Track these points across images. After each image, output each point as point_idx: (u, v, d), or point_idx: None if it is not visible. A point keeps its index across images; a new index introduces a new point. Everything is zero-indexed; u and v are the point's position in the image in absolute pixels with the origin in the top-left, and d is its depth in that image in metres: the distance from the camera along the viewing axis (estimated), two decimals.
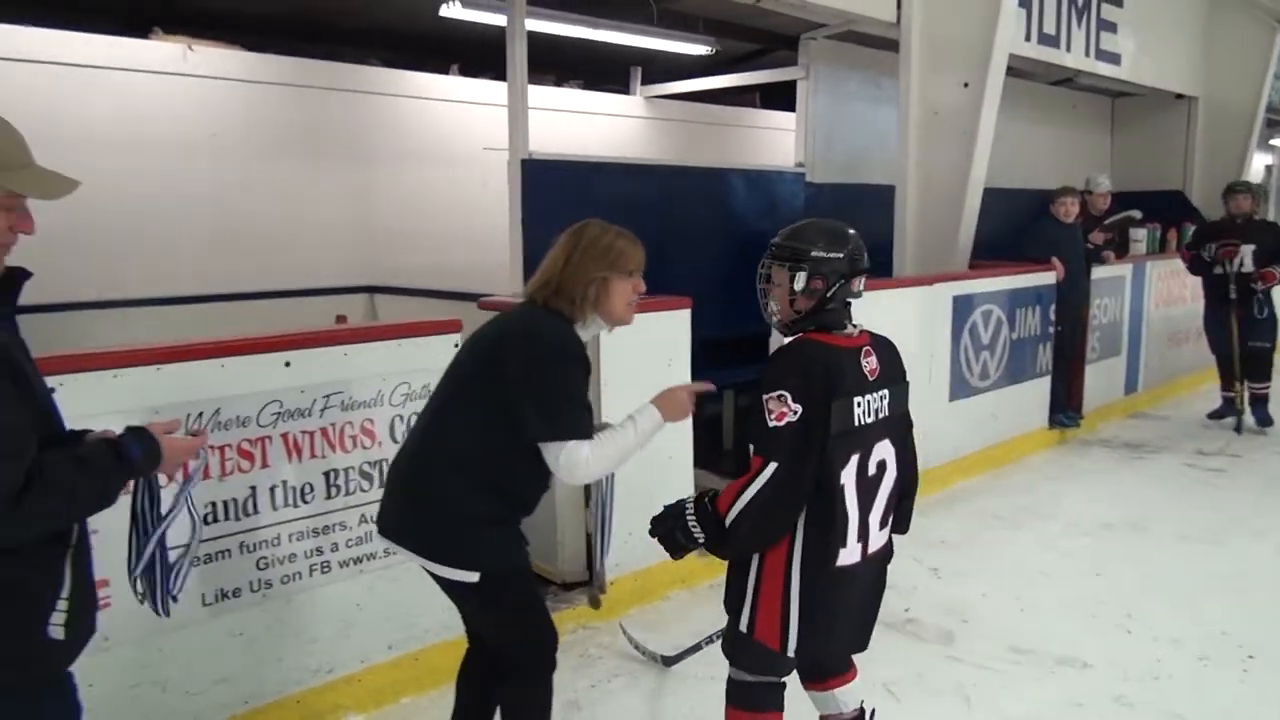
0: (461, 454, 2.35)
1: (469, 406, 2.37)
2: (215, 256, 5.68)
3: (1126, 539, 4.94)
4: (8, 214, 1.65)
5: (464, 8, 5.89)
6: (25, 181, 1.66)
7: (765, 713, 2.52)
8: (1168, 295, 8.06)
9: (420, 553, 2.39)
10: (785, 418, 2.24)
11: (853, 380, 2.32)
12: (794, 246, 2.39)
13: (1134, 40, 8.24)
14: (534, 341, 2.34)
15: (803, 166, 7.12)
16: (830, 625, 2.39)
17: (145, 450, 1.83)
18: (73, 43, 5.32)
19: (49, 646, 1.70)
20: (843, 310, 2.42)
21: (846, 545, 2.33)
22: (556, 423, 2.29)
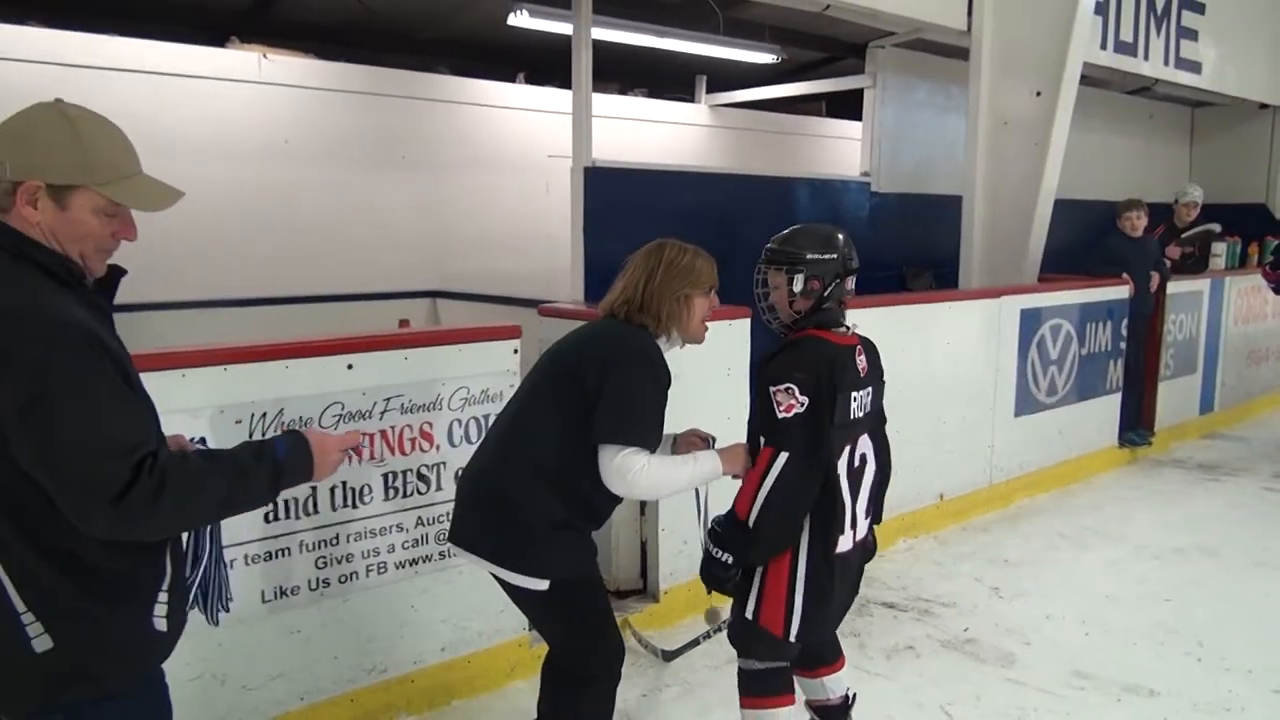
0: (539, 462, 2.39)
1: (549, 415, 2.41)
2: (284, 260, 5.82)
3: (1199, 564, 4.77)
4: (111, 220, 1.68)
5: (531, 17, 5.95)
6: (127, 192, 1.68)
7: (780, 696, 2.62)
8: (1247, 312, 7.79)
9: (493, 559, 2.42)
10: (794, 409, 2.36)
11: (851, 376, 2.46)
12: (790, 251, 2.52)
13: (1216, 48, 7.99)
14: (615, 347, 2.41)
15: (868, 176, 7.05)
16: (827, 611, 2.52)
17: (291, 447, 1.80)
18: (154, 51, 5.50)
19: (155, 639, 1.73)
20: (837, 310, 2.55)
21: (844, 533, 2.47)
22: (621, 426, 2.32)
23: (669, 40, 6.71)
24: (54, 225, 1.62)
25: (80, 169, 1.62)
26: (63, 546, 1.59)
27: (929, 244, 7.04)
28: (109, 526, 1.55)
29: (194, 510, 1.67)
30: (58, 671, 1.60)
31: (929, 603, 4.27)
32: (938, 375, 5.12)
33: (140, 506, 1.53)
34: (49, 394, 1.49)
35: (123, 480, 1.52)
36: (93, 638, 1.63)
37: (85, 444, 1.51)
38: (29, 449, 1.51)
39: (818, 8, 5.70)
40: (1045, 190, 6.08)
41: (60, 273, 1.62)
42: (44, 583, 1.59)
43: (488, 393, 3.29)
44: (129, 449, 1.55)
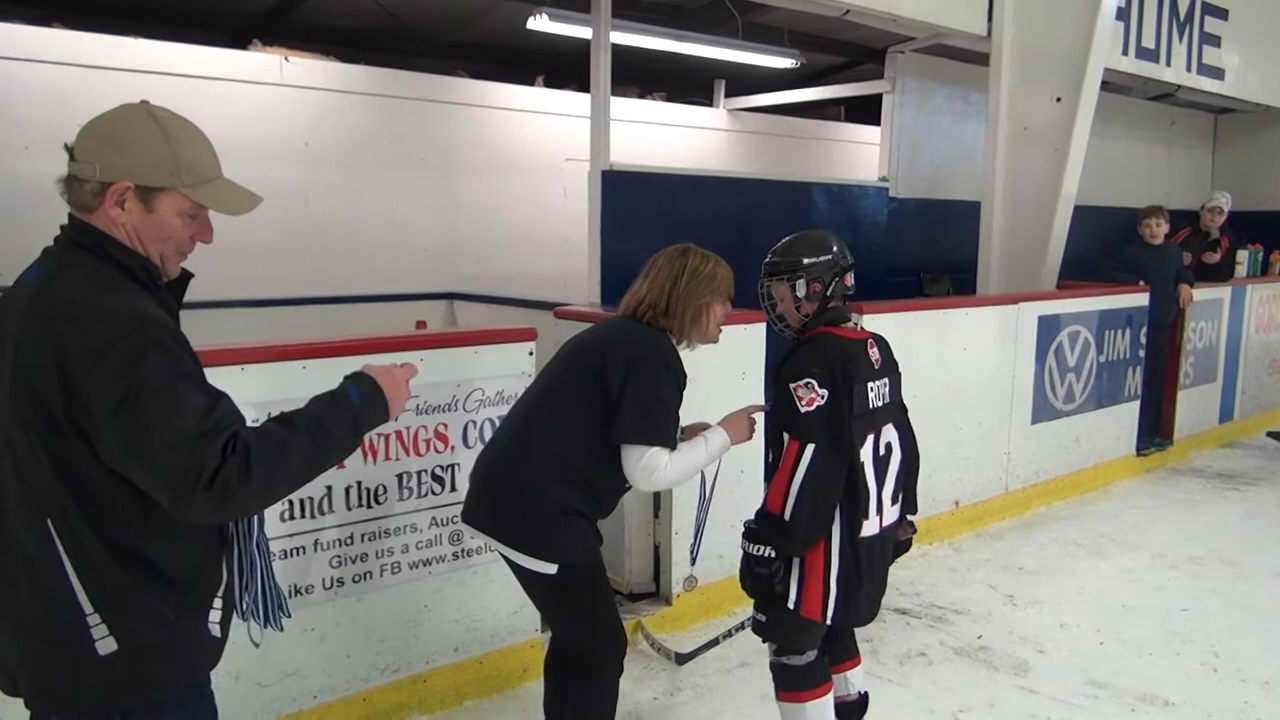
0: (554, 449, 2.48)
1: (566, 405, 2.51)
2: (303, 261, 5.87)
3: (1216, 574, 4.72)
4: (192, 223, 1.71)
5: (550, 20, 5.98)
6: (211, 195, 1.71)
7: (824, 685, 2.72)
8: (1269, 320, 7.71)
9: (503, 540, 2.51)
10: (815, 402, 2.46)
11: (865, 367, 2.56)
12: (788, 261, 2.65)
13: (1239, 54, 7.93)
14: (639, 350, 2.49)
15: (886, 181, 7.04)
16: (859, 594, 2.58)
17: (366, 391, 1.80)
18: (177, 54, 5.56)
19: (211, 644, 1.76)
20: (843, 307, 2.67)
21: (869, 518, 2.56)
22: (646, 427, 2.43)
23: (687, 44, 6.72)
24: (139, 226, 1.65)
25: (170, 171, 1.65)
26: (134, 549, 1.61)
27: (947, 249, 7.03)
28: (206, 509, 1.56)
29: (283, 477, 1.67)
30: (118, 674, 1.62)
31: (943, 610, 4.26)
32: (954, 381, 5.10)
33: (233, 484, 1.55)
34: (141, 388, 1.51)
35: (213, 464, 1.54)
36: (156, 642, 1.65)
37: (177, 432, 1.53)
38: (122, 442, 1.53)
39: (837, 12, 5.69)
40: (1065, 196, 6.04)
41: (140, 274, 1.66)
42: (113, 585, 1.60)
43: (503, 394, 3.31)
44: (216, 433, 1.57)
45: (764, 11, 6.69)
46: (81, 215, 1.65)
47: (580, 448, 2.47)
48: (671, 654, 3.73)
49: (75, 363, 1.51)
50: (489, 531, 2.56)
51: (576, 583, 2.52)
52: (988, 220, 6.24)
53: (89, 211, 1.64)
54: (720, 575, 4.12)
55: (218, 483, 1.53)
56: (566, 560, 2.48)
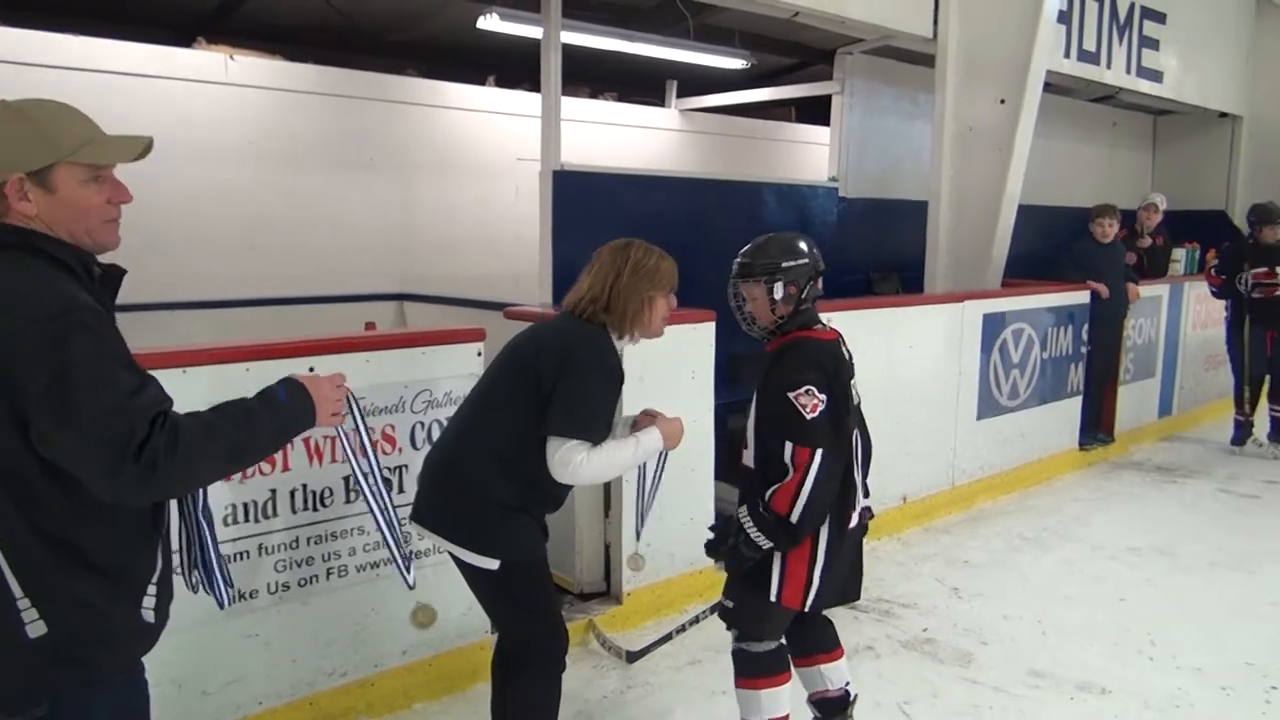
0: (496, 447, 2.50)
1: (506, 404, 2.53)
2: (250, 262, 5.80)
3: (1154, 564, 4.85)
4: (100, 188, 1.72)
5: (501, 20, 5.96)
6: (98, 152, 1.71)
7: (782, 674, 2.79)
8: (1205, 317, 7.91)
9: (447, 537, 2.54)
10: (818, 408, 2.51)
11: (845, 367, 2.66)
12: (765, 262, 2.68)
13: (1177, 57, 8.13)
14: (574, 348, 2.51)
15: (836, 181, 7.11)
16: (839, 579, 2.69)
17: (292, 392, 1.86)
18: (120, 51, 5.47)
19: (142, 629, 1.77)
20: (813, 308, 2.72)
21: (855, 508, 2.68)
22: (569, 420, 2.44)
23: (639, 45, 6.74)
24: (51, 211, 1.67)
25: (48, 148, 1.66)
26: (66, 536, 1.64)
27: (896, 248, 7.12)
28: (133, 482, 1.58)
29: (209, 460, 1.70)
30: (49, 657, 1.64)
31: (890, 603, 4.33)
32: (902, 378, 5.19)
33: (160, 458, 1.58)
34: (69, 367, 1.53)
35: (141, 435, 1.56)
36: (86, 626, 1.66)
37: (105, 406, 1.56)
38: (52, 420, 1.54)
39: (787, 14, 5.75)
40: (1009, 196, 6.15)
41: (73, 264, 1.67)
42: (43, 570, 1.62)
43: (451, 395, 3.30)
44: (144, 408, 1.60)
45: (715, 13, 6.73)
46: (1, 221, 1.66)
47: (520, 445, 2.49)
48: (622, 652, 3.76)
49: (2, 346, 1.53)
50: (434, 529, 2.59)
51: (519, 578, 2.54)
52: (934, 219, 6.34)
53: (5, 214, 1.65)
54: (671, 573, 4.16)
55: (145, 455, 1.56)
56: (509, 556, 2.51)
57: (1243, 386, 7.06)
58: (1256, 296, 6.83)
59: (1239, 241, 7.07)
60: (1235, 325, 7.05)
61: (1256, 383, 7.02)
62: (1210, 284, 7.17)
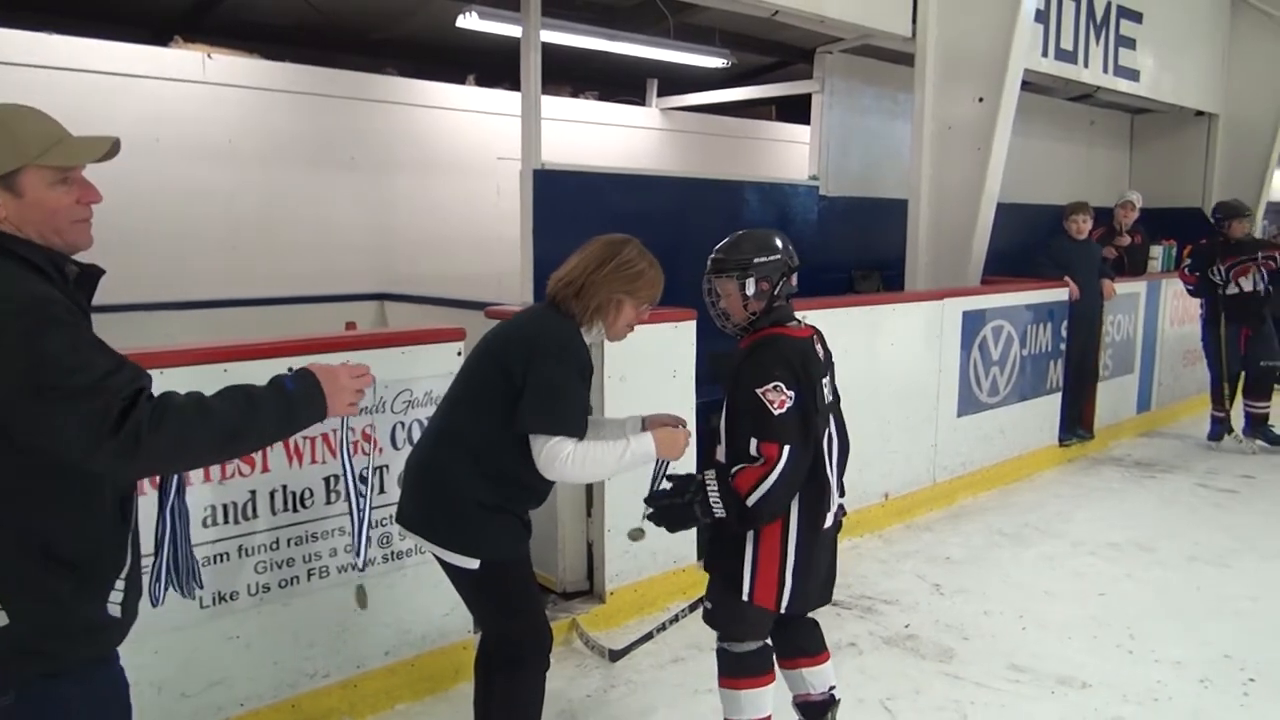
0: (472, 445, 2.49)
1: (480, 401, 2.50)
2: (229, 262, 5.77)
3: (1133, 559, 4.89)
4: (68, 189, 1.71)
5: (480, 19, 5.95)
6: (64, 154, 1.70)
7: (767, 674, 2.78)
8: (1182, 313, 7.99)
9: (428, 537, 2.54)
10: (786, 404, 2.50)
11: (816, 364, 2.65)
12: (737, 258, 2.67)
13: (1153, 57, 8.20)
14: (539, 340, 2.48)
15: (816, 179, 7.14)
16: (814, 581, 2.68)
17: (302, 381, 1.86)
18: (97, 50, 5.43)
19: (108, 624, 1.77)
20: (788, 306, 2.72)
21: (830, 509, 2.67)
22: (547, 416, 2.41)
23: (619, 44, 6.74)
24: (19, 215, 1.66)
25: (11, 152, 1.66)
26: (29, 529, 1.64)
27: (877, 246, 7.15)
28: (114, 456, 1.58)
29: (199, 439, 1.69)
30: (11, 648, 1.63)
31: (872, 600, 4.35)
32: (883, 376, 5.21)
33: (142, 431, 1.58)
34: (45, 356, 1.54)
35: (117, 408, 1.57)
36: (48, 618, 1.66)
37: (81, 385, 1.56)
38: (30, 408, 1.55)
39: (766, 13, 5.76)
40: (988, 194, 6.19)
41: (45, 265, 1.67)
42: (8, 563, 1.62)
43: (431, 395, 3.29)
44: (123, 383, 1.60)
45: (695, 12, 6.74)
46: None
47: (495, 442, 2.47)
48: (605, 651, 3.75)
49: None
50: (415, 529, 2.59)
51: (500, 577, 2.53)
52: (914, 218, 6.37)
53: None
54: (654, 571, 4.16)
55: (126, 428, 1.57)
56: (489, 555, 2.50)
57: (1220, 383, 7.12)
58: (1231, 293, 6.89)
59: (1211, 240, 7.14)
60: (1211, 323, 7.11)
61: (1233, 379, 7.09)
62: (1185, 282, 7.24)
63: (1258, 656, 3.78)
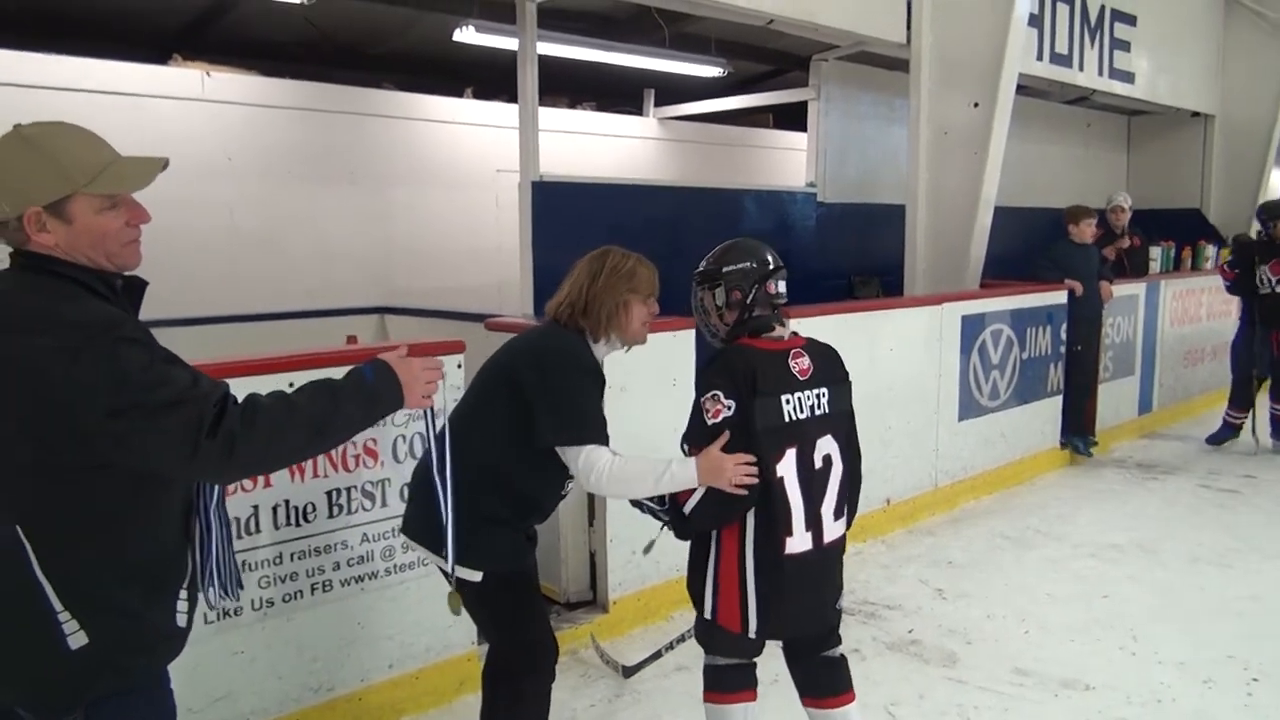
0: (480, 460, 2.49)
1: (488, 416, 2.53)
2: (230, 278, 5.80)
3: (1136, 561, 4.89)
4: (117, 212, 1.73)
5: (477, 32, 6.00)
6: (111, 181, 1.71)
7: (739, 692, 2.69)
8: (1182, 314, 8.00)
9: (431, 548, 2.53)
10: (721, 414, 2.44)
11: (778, 379, 2.50)
12: (708, 269, 2.63)
13: (1148, 59, 8.23)
14: (548, 353, 2.51)
15: (814, 186, 7.16)
16: (788, 609, 2.56)
17: (379, 373, 1.90)
18: (96, 69, 5.48)
19: (176, 633, 1.81)
20: (771, 315, 2.62)
21: (793, 534, 2.51)
22: (574, 427, 2.43)
23: (615, 54, 6.79)
24: (70, 241, 1.68)
25: (60, 180, 1.67)
26: (105, 544, 1.67)
27: (876, 252, 7.16)
28: (214, 459, 1.63)
29: (290, 436, 1.73)
30: (89, 666, 1.66)
31: (875, 606, 4.35)
32: (883, 382, 5.22)
33: (237, 433, 1.63)
34: (125, 377, 1.58)
35: (211, 415, 1.62)
36: (126, 633, 1.70)
37: (168, 399, 1.60)
38: (116, 430, 1.58)
39: (761, 21, 5.79)
40: (985, 198, 6.20)
41: (98, 286, 1.70)
42: (84, 581, 1.65)
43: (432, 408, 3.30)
44: (208, 391, 1.66)
45: (691, 21, 6.79)
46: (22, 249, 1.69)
47: (503, 455, 2.49)
48: (619, 666, 3.74)
49: (47, 367, 1.55)
50: (419, 541, 2.60)
51: (503, 590, 2.55)
52: (912, 223, 6.39)
53: (25, 244, 1.67)
54: (657, 580, 4.16)
55: (222, 430, 1.62)
56: (492, 567, 2.51)
57: (1242, 387, 7.03)
58: (1264, 293, 6.76)
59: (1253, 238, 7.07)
60: (1249, 325, 6.98)
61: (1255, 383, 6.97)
62: (1224, 278, 7.22)
63: (1261, 656, 3.78)
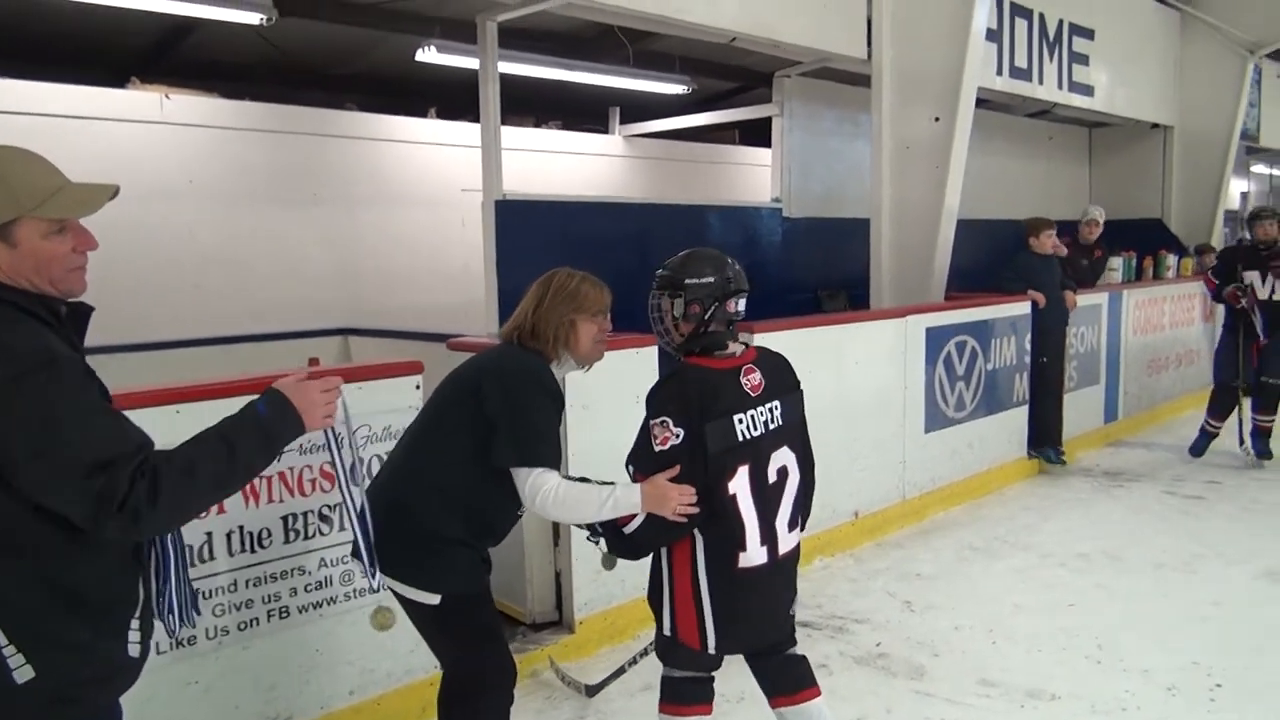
0: (438, 480, 2.49)
1: (446, 435, 2.51)
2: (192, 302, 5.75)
3: (1102, 569, 4.92)
4: (64, 238, 1.71)
5: (439, 52, 5.99)
6: (60, 206, 1.70)
7: (694, 705, 2.69)
8: (1145, 323, 8.09)
9: (387, 572, 2.50)
10: (669, 441, 2.43)
11: (730, 400, 2.49)
12: (671, 276, 2.59)
13: (1106, 72, 8.36)
14: (509, 373, 2.51)
15: (780, 201, 7.21)
16: (745, 623, 2.57)
17: (274, 405, 1.87)
18: (54, 94, 5.43)
19: (129, 664, 1.79)
20: (725, 332, 2.59)
21: (747, 549, 2.51)
22: (524, 449, 2.42)
23: (579, 73, 6.80)
24: (13, 265, 1.67)
25: (8, 203, 1.66)
26: (52, 577, 1.65)
27: (842, 266, 7.20)
28: (119, 530, 1.64)
29: (192, 498, 1.74)
30: (38, 701, 1.64)
31: (843, 620, 4.34)
32: (848, 395, 5.23)
33: (142, 508, 1.62)
34: (52, 418, 1.58)
35: (123, 489, 1.60)
36: (74, 665, 1.68)
37: (89, 459, 1.60)
38: (38, 472, 1.58)
39: (724, 39, 5.84)
40: (947, 211, 6.26)
41: (40, 311, 1.68)
42: (28, 614, 1.64)
43: (390, 430, 3.27)
44: (125, 459, 1.63)
45: (655, 40, 6.82)
46: None
47: (461, 475, 2.47)
48: (581, 686, 3.71)
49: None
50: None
51: (461, 612, 2.53)
52: (877, 237, 6.43)
53: None
54: (623, 599, 4.14)
55: (128, 507, 1.61)
56: (449, 589, 2.49)
57: (1221, 395, 7.01)
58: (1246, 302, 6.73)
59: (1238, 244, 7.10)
60: (1231, 331, 6.98)
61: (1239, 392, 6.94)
62: (1207, 287, 7.27)
63: (1224, 662, 3.80)
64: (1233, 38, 9.26)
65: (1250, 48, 9.30)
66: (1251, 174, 14.52)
